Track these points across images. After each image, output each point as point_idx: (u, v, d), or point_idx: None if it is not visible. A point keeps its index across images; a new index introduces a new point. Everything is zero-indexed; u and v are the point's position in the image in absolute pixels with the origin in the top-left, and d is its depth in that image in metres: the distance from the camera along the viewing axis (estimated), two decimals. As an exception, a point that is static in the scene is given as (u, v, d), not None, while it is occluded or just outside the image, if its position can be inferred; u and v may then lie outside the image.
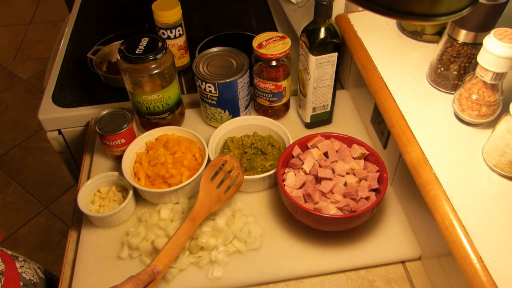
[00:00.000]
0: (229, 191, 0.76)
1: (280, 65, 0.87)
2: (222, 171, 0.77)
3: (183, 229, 0.70)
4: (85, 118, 1.03)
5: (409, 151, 0.68)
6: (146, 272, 0.65)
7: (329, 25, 0.79)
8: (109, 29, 1.25)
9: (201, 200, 0.74)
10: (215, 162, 0.77)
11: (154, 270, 0.66)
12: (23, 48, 2.82)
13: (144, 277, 0.64)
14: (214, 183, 0.76)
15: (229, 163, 0.78)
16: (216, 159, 0.78)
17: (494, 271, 0.54)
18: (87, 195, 0.82)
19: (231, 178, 0.77)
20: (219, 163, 0.78)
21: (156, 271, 0.66)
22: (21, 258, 0.81)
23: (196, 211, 0.72)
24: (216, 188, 0.75)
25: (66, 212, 1.93)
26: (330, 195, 0.74)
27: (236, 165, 0.78)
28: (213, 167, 0.77)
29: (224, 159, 0.78)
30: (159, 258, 0.67)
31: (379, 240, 0.77)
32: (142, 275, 0.65)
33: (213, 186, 0.75)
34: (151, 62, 0.81)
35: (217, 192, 0.75)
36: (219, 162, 0.78)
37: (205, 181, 0.76)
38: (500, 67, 0.61)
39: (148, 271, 0.66)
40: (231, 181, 0.77)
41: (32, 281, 0.79)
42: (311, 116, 0.92)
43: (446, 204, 0.60)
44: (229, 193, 0.76)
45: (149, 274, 0.65)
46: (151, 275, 0.65)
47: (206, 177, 0.76)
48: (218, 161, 0.78)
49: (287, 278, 0.74)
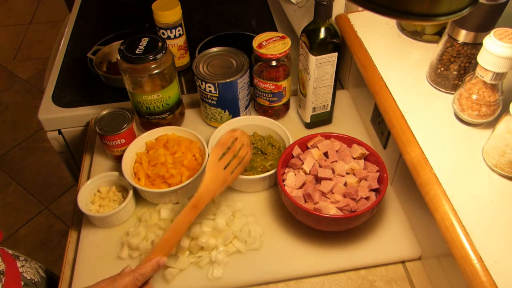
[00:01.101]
0: (236, 170, 0.70)
1: (280, 65, 0.87)
2: (230, 150, 0.70)
3: (184, 215, 0.64)
4: (85, 118, 1.03)
5: (409, 151, 0.68)
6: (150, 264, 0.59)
7: (329, 25, 0.79)
8: (109, 29, 1.25)
9: (207, 184, 0.67)
10: (225, 140, 0.70)
11: (159, 262, 0.60)
12: (23, 48, 2.82)
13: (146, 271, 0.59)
14: (221, 164, 0.69)
15: (239, 141, 0.71)
16: (226, 135, 0.71)
17: (494, 271, 0.54)
18: (87, 195, 0.82)
19: (239, 158, 0.70)
20: (229, 140, 0.71)
21: (161, 263, 0.60)
22: (22, 258, 0.81)
23: (200, 196, 0.66)
24: (223, 169, 0.69)
25: (66, 212, 1.93)
26: (330, 195, 0.74)
27: (246, 141, 0.72)
28: (223, 145, 0.70)
29: (234, 136, 0.71)
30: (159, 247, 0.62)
31: (379, 240, 0.77)
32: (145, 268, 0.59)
33: (221, 167, 0.68)
34: (151, 62, 0.81)
35: (224, 174, 0.69)
36: (229, 139, 0.71)
37: (212, 161, 0.68)
38: (500, 67, 0.61)
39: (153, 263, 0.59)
40: (239, 160, 0.70)
41: (33, 280, 0.79)
42: (311, 116, 0.92)
43: (446, 204, 0.60)
44: (235, 173, 0.70)
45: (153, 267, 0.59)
46: (155, 268, 0.59)
47: (214, 157, 0.69)
48: (228, 138, 0.71)
49: (287, 278, 0.74)
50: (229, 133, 0.71)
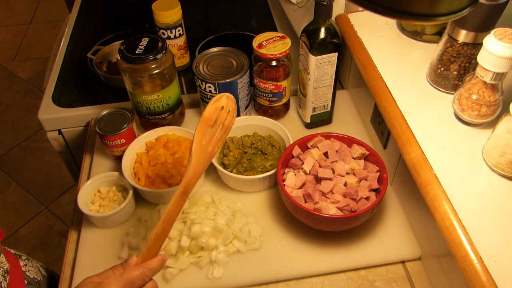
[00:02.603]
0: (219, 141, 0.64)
1: (280, 65, 0.87)
2: (216, 124, 0.64)
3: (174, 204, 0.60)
4: (85, 118, 1.03)
5: (409, 151, 0.68)
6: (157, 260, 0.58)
7: (329, 25, 0.79)
8: (109, 29, 1.25)
9: (194, 168, 0.62)
10: (210, 114, 0.63)
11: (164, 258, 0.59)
12: (23, 48, 2.82)
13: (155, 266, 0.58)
14: (207, 141, 0.63)
15: (225, 109, 0.65)
16: (211, 107, 0.63)
17: (494, 271, 0.54)
18: (87, 195, 0.82)
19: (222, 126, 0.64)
20: (215, 113, 0.64)
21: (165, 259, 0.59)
22: (24, 257, 0.81)
23: (188, 182, 0.61)
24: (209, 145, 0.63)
25: (66, 212, 1.93)
26: (330, 195, 0.74)
27: (232, 107, 0.66)
28: (208, 121, 0.63)
29: (220, 105, 0.64)
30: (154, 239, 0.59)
31: (379, 240, 0.77)
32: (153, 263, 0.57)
33: (206, 145, 0.63)
34: (151, 62, 0.81)
35: (209, 151, 0.63)
36: (215, 111, 0.64)
37: (198, 142, 0.62)
38: (500, 67, 0.61)
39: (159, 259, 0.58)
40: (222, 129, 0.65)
41: (36, 279, 0.79)
42: (311, 116, 0.92)
43: (446, 204, 0.60)
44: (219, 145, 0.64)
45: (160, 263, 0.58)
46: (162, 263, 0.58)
47: (199, 137, 0.62)
48: (214, 110, 0.64)
49: (287, 278, 0.74)
50: (212, 103, 0.64)
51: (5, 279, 0.71)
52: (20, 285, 0.74)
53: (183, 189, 0.61)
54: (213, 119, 0.64)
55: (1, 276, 0.71)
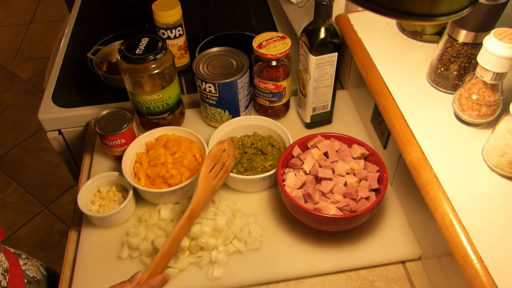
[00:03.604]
0: (221, 178, 0.75)
1: (280, 65, 0.87)
2: (219, 162, 0.75)
3: (180, 227, 0.68)
4: (85, 118, 1.03)
5: (409, 151, 0.68)
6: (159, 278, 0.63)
7: (329, 25, 0.79)
8: (109, 29, 1.25)
9: (200, 195, 0.71)
10: (215, 153, 0.75)
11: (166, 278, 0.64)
12: (23, 48, 2.82)
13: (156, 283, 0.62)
14: (211, 175, 0.73)
15: (227, 152, 0.76)
16: (215, 148, 0.75)
17: (494, 271, 0.54)
18: (87, 195, 0.82)
19: (223, 165, 0.75)
20: (219, 152, 0.75)
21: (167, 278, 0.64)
22: (24, 256, 0.81)
23: (194, 208, 0.70)
24: (213, 180, 0.74)
25: (66, 212, 1.93)
26: (330, 195, 0.74)
27: (231, 152, 0.76)
28: (213, 158, 0.74)
29: (223, 148, 0.76)
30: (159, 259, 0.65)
31: (379, 240, 0.77)
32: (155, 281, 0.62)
33: (211, 178, 0.73)
34: (151, 62, 0.81)
35: (213, 184, 0.73)
36: (219, 151, 0.75)
37: (204, 174, 0.72)
38: (500, 67, 0.61)
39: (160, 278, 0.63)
40: (224, 170, 0.75)
41: (35, 278, 0.79)
42: (311, 116, 0.92)
43: (446, 204, 0.60)
44: (221, 181, 0.75)
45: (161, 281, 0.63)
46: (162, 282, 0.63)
47: (205, 169, 0.73)
48: (218, 150, 0.75)
49: (287, 278, 0.74)
50: (217, 145, 0.75)
51: (5, 278, 0.71)
52: (20, 284, 0.74)
53: (189, 214, 0.69)
54: (217, 157, 0.74)
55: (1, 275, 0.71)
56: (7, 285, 0.71)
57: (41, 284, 0.80)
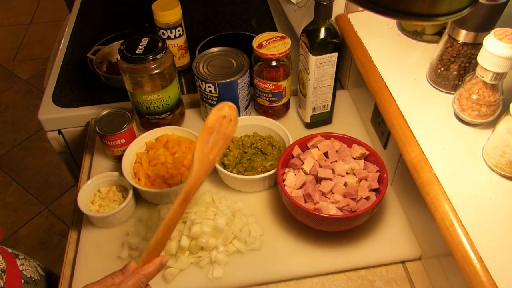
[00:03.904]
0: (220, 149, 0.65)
1: (280, 65, 0.87)
2: (218, 133, 0.64)
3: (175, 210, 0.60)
4: (85, 118, 1.03)
5: (409, 151, 0.68)
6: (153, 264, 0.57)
7: (329, 25, 0.79)
8: (109, 29, 1.25)
9: (196, 175, 0.61)
10: (212, 122, 0.64)
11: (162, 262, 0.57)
12: (23, 48, 2.82)
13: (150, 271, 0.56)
14: (209, 149, 0.63)
15: (227, 118, 0.65)
16: (213, 116, 0.64)
17: (494, 271, 0.54)
18: (87, 195, 0.82)
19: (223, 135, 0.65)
20: (217, 122, 0.64)
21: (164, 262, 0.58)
22: (21, 256, 0.81)
23: (190, 189, 0.61)
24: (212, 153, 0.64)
25: (66, 212, 1.93)
26: (330, 195, 0.74)
27: (234, 116, 0.66)
28: (210, 129, 0.63)
29: (222, 114, 0.65)
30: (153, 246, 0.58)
31: (379, 240, 0.77)
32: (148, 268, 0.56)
33: (208, 153, 0.63)
34: (151, 62, 0.81)
35: (211, 159, 0.64)
36: (217, 120, 0.64)
37: (200, 150, 0.62)
38: (500, 67, 0.61)
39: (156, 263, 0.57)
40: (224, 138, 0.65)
41: (32, 278, 0.79)
42: (311, 116, 0.92)
43: (446, 204, 0.60)
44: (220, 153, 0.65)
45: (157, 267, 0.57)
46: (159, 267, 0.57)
47: (201, 145, 0.62)
48: (216, 119, 0.64)
49: (287, 278, 0.74)
50: (215, 112, 0.64)
51: (2, 278, 0.71)
52: (17, 284, 0.74)
53: (184, 196, 0.61)
54: (215, 127, 0.64)
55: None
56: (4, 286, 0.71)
57: (39, 284, 0.80)
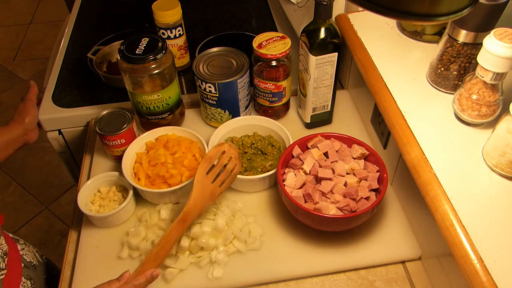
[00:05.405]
0: (224, 184, 0.71)
1: (280, 65, 0.87)
2: (218, 164, 0.72)
3: (172, 230, 0.66)
4: (85, 118, 1.03)
5: (409, 151, 0.68)
6: (144, 276, 0.61)
7: (329, 25, 0.79)
8: (109, 29, 1.25)
9: (195, 199, 0.68)
10: (212, 154, 0.72)
11: (153, 274, 0.62)
12: (23, 48, 2.82)
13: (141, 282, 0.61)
14: (209, 178, 0.70)
15: (227, 154, 0.72)
16: (214, 150, 0.72)
17: (494, 271, 0.54)
18: (87, 195, 0.82)
19: (227, 171, 0.72)
20: (216, 154, 0.72)
21: (155, 275, 0.62)
22: (21, 241, 0.83)
23: (188, 211, 0.68)
24: (211, 183, 0.70)
25: (66, 212, 1.93)
26: (330, 195, 0.74)
27: (234, 155, 0.73)
28: (210, 159, 0.71)
29: (222, 149, 0.72)
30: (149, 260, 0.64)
31: (379, 240, 0.77)
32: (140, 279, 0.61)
33: (208, 181, 0.70)
34: (151, 62, 0.81)
35: (211, 188, 0.70)
36: (217, 153, 0.72)
37: (200, 176, 0.69)
38: (500, 67, 0.61)
39: (146, 275, 0.61)
40: (227, 174, 0.72)
41: (32, 263, 0.80)
42: (311, 116, 0.92)
43: (446, 204, 0.60)
44: (224, 187, 0.71)
45: (147, 279, 0.61)
46: (149, 279, 0.62)
47: (201, 172, 0.70)
48: (216, 152, 0.72)
49: (287, 278, 0.74)
50: (216, 147, 0.72)
51: (4, 260, 0.73)
52: (17, 267, 0.76)
53: (182, 216, 0.67)
54: (214, 158, 0.71)
55: (0, 258, 0.73)
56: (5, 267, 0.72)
57: (37, 268, 0.81)
